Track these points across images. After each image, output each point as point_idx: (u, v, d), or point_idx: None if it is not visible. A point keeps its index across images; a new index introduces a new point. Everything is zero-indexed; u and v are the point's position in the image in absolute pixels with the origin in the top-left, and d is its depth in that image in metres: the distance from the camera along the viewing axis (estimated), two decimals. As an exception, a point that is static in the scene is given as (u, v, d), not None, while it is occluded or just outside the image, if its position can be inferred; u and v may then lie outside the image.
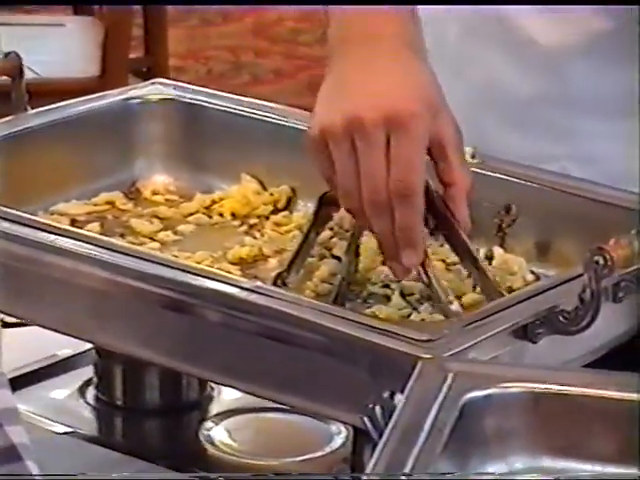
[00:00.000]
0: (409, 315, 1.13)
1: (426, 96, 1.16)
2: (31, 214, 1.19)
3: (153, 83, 1.48)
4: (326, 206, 1.20)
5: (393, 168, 1.11)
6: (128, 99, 1.40)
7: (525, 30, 1.40)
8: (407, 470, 0.85)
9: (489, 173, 1.26)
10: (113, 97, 1.42)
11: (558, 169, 1.35)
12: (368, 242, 1.21)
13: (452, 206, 1.18)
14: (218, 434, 1.23)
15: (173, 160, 1.38)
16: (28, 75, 1.41)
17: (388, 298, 1.17)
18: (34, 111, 1.38)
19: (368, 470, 0.86)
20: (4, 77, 1.38)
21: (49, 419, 1.23)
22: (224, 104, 1.37)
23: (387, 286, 1.19)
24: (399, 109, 1.13)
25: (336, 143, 1.12)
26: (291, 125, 1.32)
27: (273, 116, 1.36)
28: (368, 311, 1.12)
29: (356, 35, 1.25)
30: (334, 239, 1.23)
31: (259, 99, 1.45)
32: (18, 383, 1.20)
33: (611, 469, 0.94)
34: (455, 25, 1.49)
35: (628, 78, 1.38)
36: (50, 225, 1.17)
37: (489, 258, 1.27)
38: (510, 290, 1.19)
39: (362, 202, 1.13)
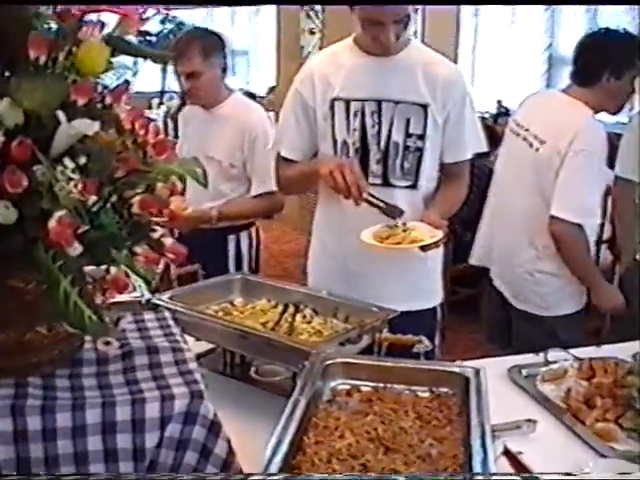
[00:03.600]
0: (312, 340, 1.31)
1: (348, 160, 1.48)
2: (198, 310, 1.38)
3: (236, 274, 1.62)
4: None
5: (354, 174, 1.43)
6: (245, 275, 1.60)
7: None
8: (303, 384, 0.95)
9: (328, 297, 1.48)
10: (230, 277, 1.60)
11: None
12: (298, 319, 1.40)
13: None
14: (255, 371, 1.40)
15: (243, 296, 1.56)
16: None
17: (302, 335, 1.37)
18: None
19: (295, 393, 0.94)
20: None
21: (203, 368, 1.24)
22: (270, 282, 1.57)
23: (302, 332, 1.37)
24: (348, 161, 1.46)
25: (331, 172, 1.43)
26: (283, 286, 1.51)
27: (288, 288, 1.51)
28: (299, 337, 1.33)
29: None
30: (288, 318, 1.39)
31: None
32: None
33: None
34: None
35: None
36: (205, 313, 1.38)
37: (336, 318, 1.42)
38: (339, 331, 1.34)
39: (345, 185, 1.42)
